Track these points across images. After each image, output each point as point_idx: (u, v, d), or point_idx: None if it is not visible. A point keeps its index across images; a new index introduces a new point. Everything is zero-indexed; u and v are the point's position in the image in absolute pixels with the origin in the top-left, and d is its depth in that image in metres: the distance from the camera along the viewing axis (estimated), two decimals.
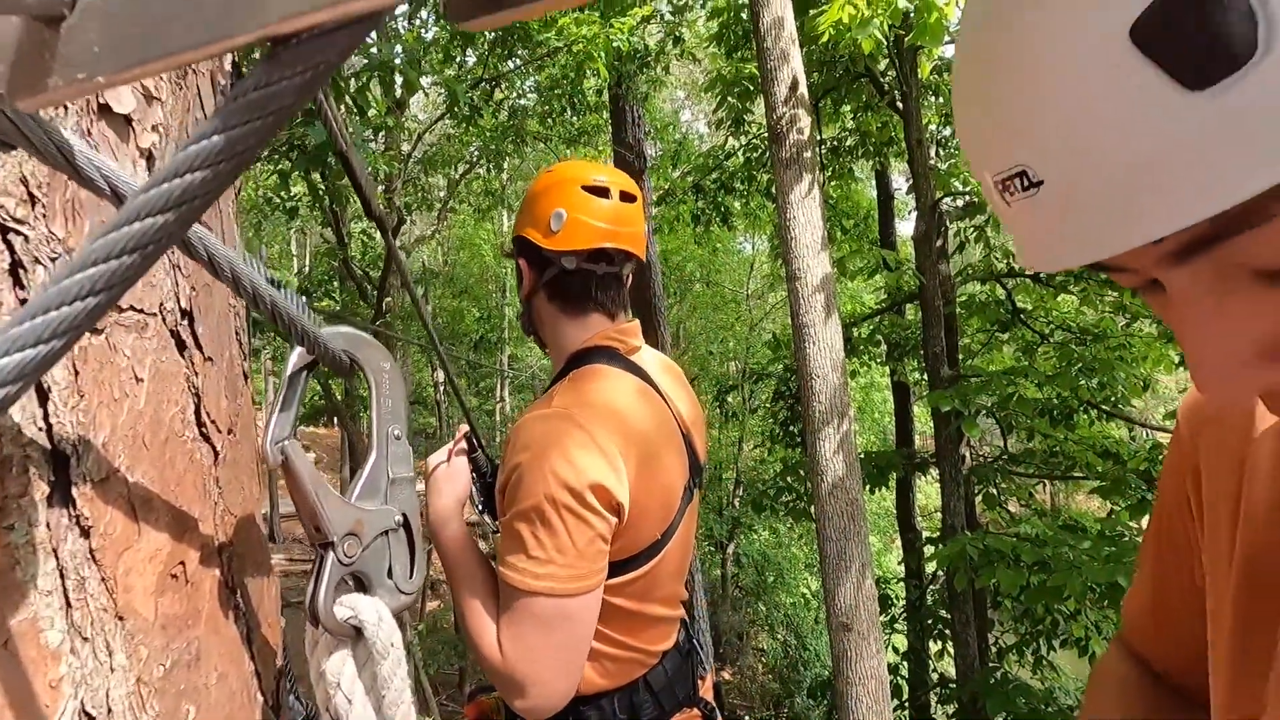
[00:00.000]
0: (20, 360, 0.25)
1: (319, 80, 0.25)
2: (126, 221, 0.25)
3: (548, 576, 0.91)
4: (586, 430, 0.95)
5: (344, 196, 7.30)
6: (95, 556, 0.45)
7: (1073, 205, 0.29)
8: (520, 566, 0.92)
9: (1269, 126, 0.25)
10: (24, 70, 0.27)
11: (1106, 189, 0.28)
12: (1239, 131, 0.25)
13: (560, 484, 0.91)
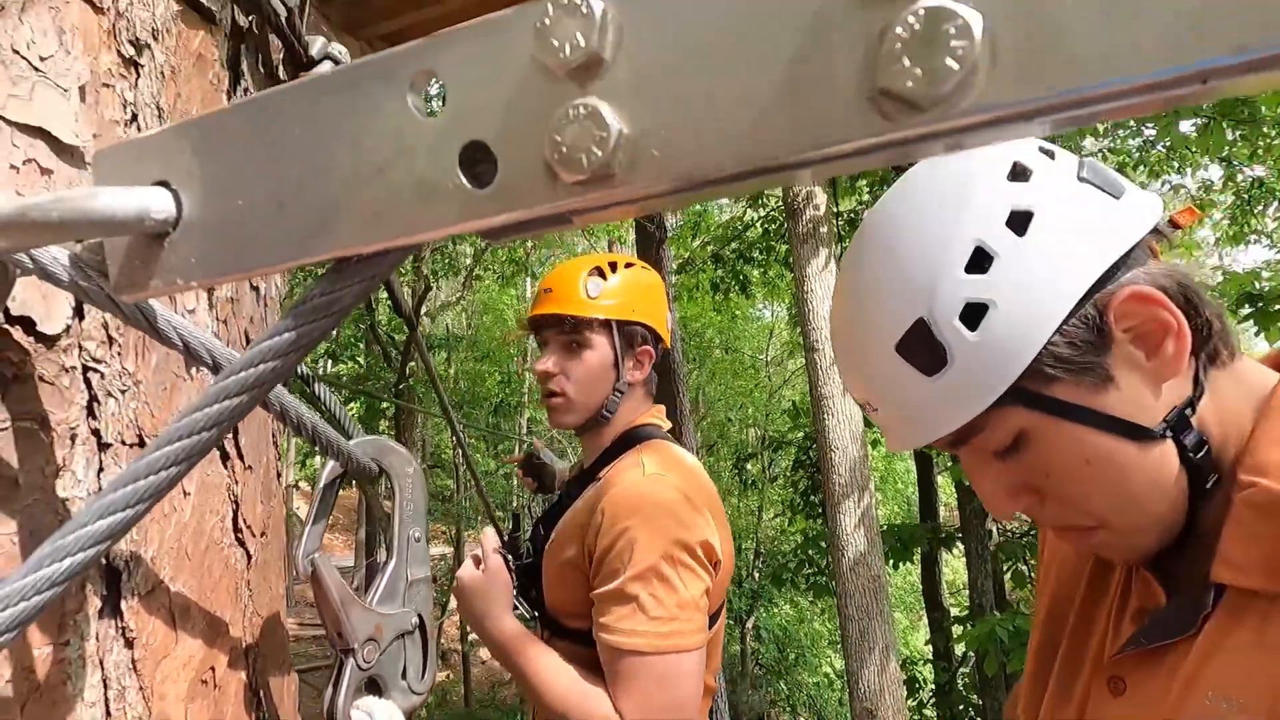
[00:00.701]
0: (112, 523, 0.29)
1: (372, 288, 0.30)
2: (209, 403, 0.29)
3: (674, 634, 0.95)
4: (685, 492, 1.03)
5: None
6: (137, 667, 0.48)
7: (892, 421, 0.56)
8: (642, 630, 0.95)
9: (964, 393, 0.50)
10: (129, 272, 0.32)
11: (903, 416, 0.54)
12: (951, 395, 0.50)
13: (676, 542, 0.98)
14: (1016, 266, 0.47)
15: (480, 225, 0.26)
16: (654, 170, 0.23)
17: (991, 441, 0.51)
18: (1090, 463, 0.49)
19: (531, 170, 0.25)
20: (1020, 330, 0.47)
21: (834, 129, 0.20)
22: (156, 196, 0.30)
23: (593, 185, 0.24)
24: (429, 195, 0.26)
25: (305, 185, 0.28)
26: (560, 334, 1.17)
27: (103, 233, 0.30)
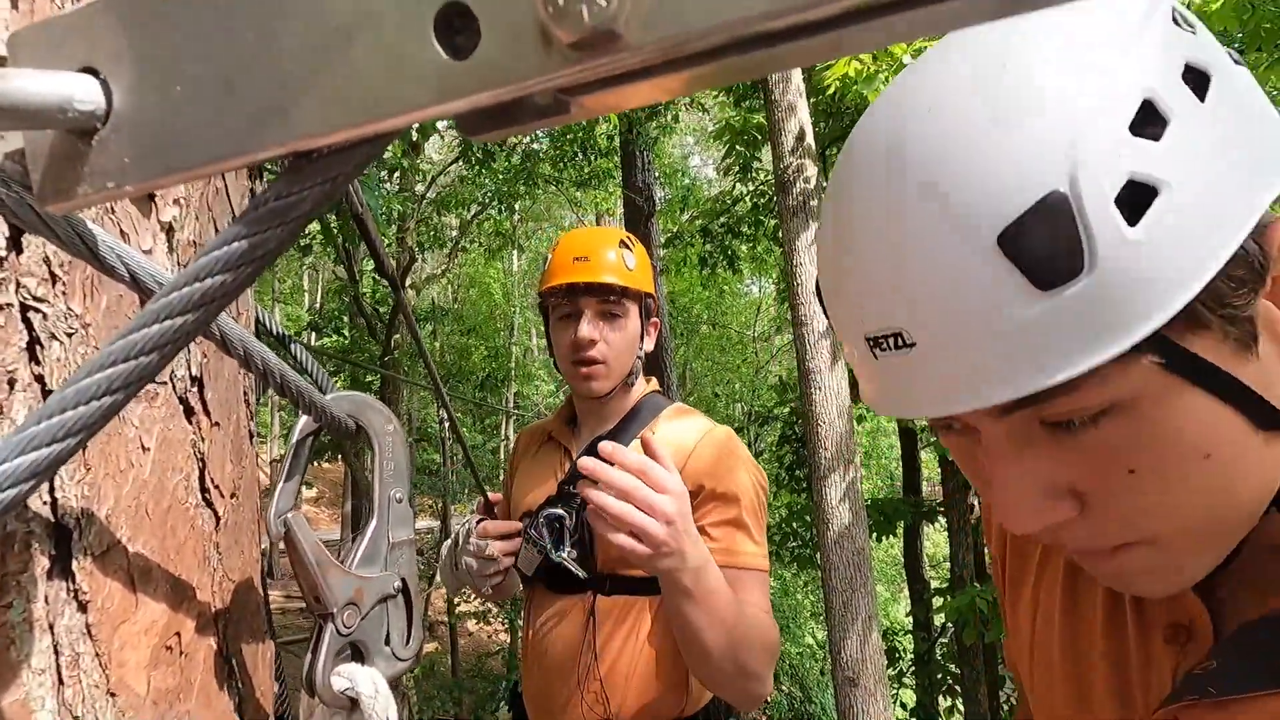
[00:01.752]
0: (34, 459, 0.25)
1: (336, 191, 0.26)
2: (148, 323, 0.25)
3: (766, 556, 1.15)
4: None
5: (356, 235, 7.43)
6: (91, 632, 0.45)
7: (936, 366, 0.36)
8: (758, 553, 1.12)
9: (1091, 324, 0.33)
10: (54, 177, 0.28)
11: (966, 358, 0.35)
12: (1070, 326, 0.33)
13: (762, 479, 1.18)
14: (1195, 142, 0.32)
15: (458, 106, 0.22)
16: (670, 24, 0.19)
17: (1080, 405, 0.35)
18: (1210, 456, 0.36)
19: (520, 34, 0.21)
20: (1196, 237, 0.32)
21: None
22: (82, 84, 0.26)
23: (594, 49, 0.20)
24: (398, 69, 0.22)
25: (255, 63, 0.24)
26: (601, 303, 1.21)
27: (18, 124, 0.25)
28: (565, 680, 1.14)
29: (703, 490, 1.12)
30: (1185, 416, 0.36)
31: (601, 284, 1.20)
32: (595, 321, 1.21)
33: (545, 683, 1.18)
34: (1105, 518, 0.39)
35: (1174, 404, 0.35)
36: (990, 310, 0.34)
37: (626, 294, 1.22)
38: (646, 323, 1.29)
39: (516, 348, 16.04)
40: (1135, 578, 0.42)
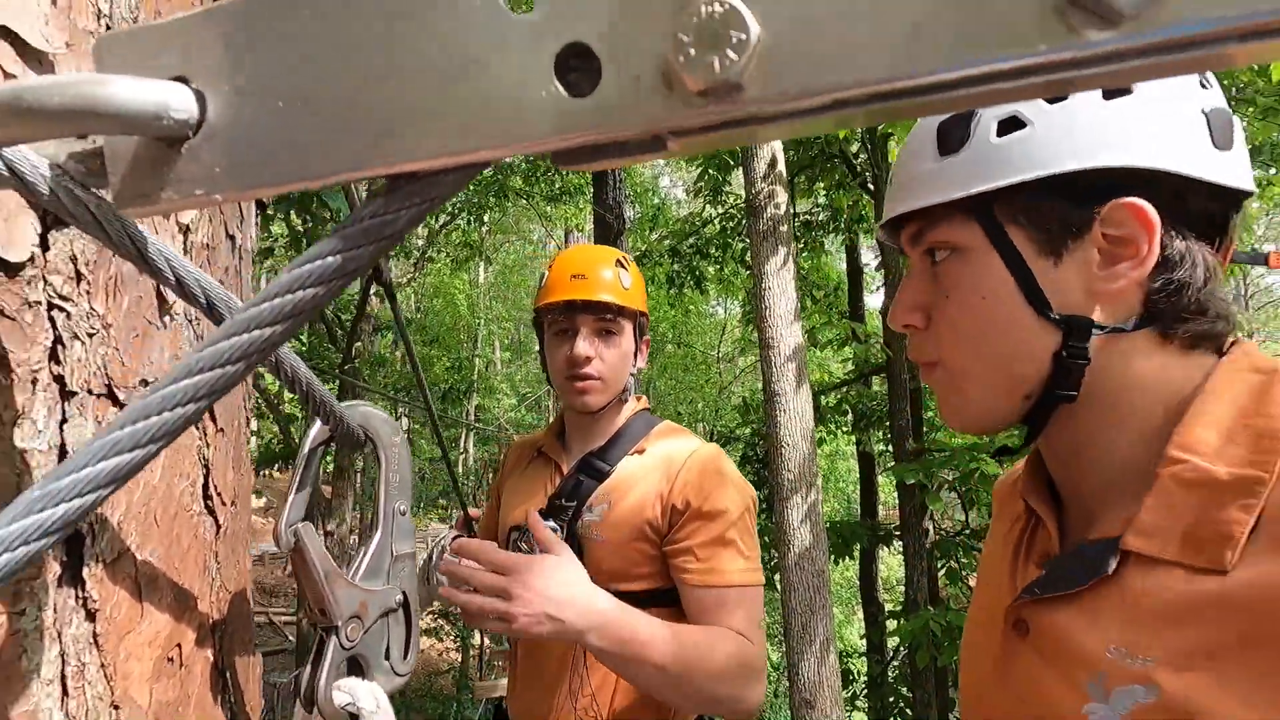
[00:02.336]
0: (116, 465, 0.25)
1: (426, 213, 0.27)
2: (238, 331, 0.26)
3: (757, 570, 1.14)
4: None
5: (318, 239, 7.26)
6: (98, 642, 0.43)
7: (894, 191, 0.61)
8: (742, 568, 1.12)
9: (952, 180, 0.55)
10: (135, 181, 0.28)
11: (905, 185, 0.59)
12: (943, 177, 0.55)
13: (749, 495, 1.18)
14: (1068, 118, 0.51)
15: (574, 141, 0.24)
16: (788, 83, 0.21)
17: (938, 238, 0.57)
18: (985, 299, 0.54)
19: (643, 78, 0.22)
20: (1026, 160, 0.52)
21: (1010, 41, 0.19)
22: (177, 93, 0.26)
23: (716, 97, 0.21)
24: (517, 103, 0.23)
25: (368, 87, 0.25)
26: (597, 320, 1.24)
27: (111, 129, 0.25)
28: (556, 693, 1.13)
29: (689, 507, 1.13)
30: (986, 269, 0.54)
31: (598, 302, 1.22)
32: (591, 338, 1.22)
33: (536, 696, 1.16)
34: (932, 334, 0.58)
35: (984, 258, 0.54)
36: (919, 162, 0.57)
37: (622, 312, 1.24)
38: (639, 340, 1.31)
39: (480, 360, 15.85)
40: (941, 398, 0.60)
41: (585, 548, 1.16)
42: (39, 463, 0.40)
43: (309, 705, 0.52)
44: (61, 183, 0.32)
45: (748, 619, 1.10)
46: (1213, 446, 0.48)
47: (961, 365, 0.57)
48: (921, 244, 0.59)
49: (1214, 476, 0.46)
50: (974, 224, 0.54)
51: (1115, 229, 0.51)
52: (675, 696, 1.04)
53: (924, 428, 6.89)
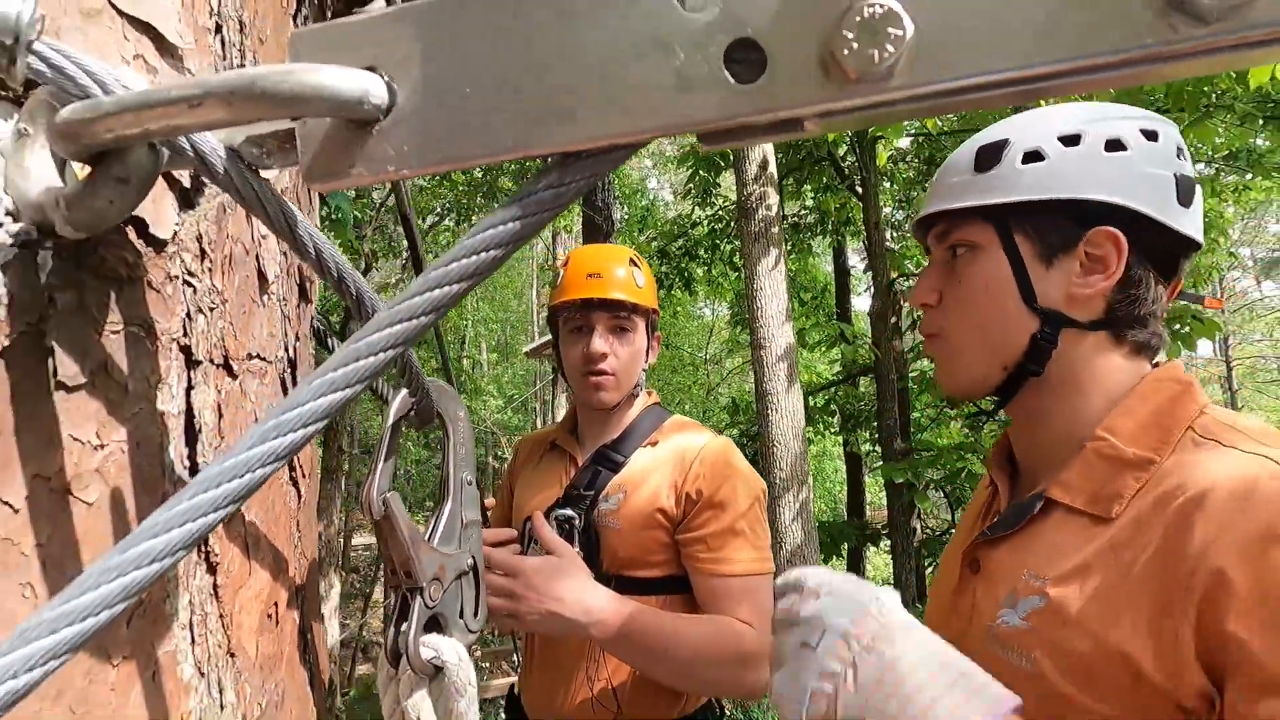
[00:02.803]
0: (299, 437, 0.29)
1: (593, 183, 0.31)
2: (430, 287, 0.29)
3: (768, 559, 1.18)
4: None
5: None
6: (218, 593, 0.47)
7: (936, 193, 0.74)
8: (752, 557, 1.15)
9: (979, 190, 0.69)
10: (327, 160, 0.32)
11: (945, 191, 0.73)
12: (970, 188, 0.70)
13: (759, 487, 1.23)
14: (1078, 158, 0.66)
15: (734, 124, 0.28)
16: (933, 71, 0.25)
17: (961, 237, 0.71)
18: (989, 286, 0.69)
19: (804, 66, 0.26)
20: (1039, 185, 0.66)
21: (1123, 35, 0.23)
22: (373, 81, 0.30)
23: (869, 84, 0.26)
24: (687, 88, 0.28)
25: (548, 73, 0.29)
26: (612, 318, 1.28)
27: (323, 112, 0.29)
28: (572, 680, 1.17)
29: (701, 498, 1.17)
30: (994, 264, 0.69)
31: (613, 300, 1.26)
32: (606, 335, 1.26)
33: (551, 683, 1.19)
34: (941, 311, 0.73)
35: (993, 256, 0.69)
36: (959, 175, 0.71)
37: (635, 310, 1.28)
38: (650, 337, 1.34)
39: (467, 361, 15.78)
40: (939, 364, 0.75)
41: (602, 536, 1.20)
42: (174, 425, 0.44)
43: (395, 660, 0.56)
44: (235, 164, 0.35)
45: (755, 607, 1.14)
46: (1129, 432, 0.63)
47: (960, 337, 0.71)
48: (946, 240, 0.73)
49: (1123, 454, 0.62)
50: (990, 229, 0.69)
51: (1095, 249, 0.66)
52: (679, 683, 1.11)
53: (911, 428, 6.99)
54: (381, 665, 0.58)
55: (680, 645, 1.05)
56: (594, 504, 1.22)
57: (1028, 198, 0.66)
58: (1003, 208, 0.68)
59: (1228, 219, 6.81)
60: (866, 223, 6.86)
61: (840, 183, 7.46)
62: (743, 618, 1.12)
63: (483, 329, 17.02)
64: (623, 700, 1.15)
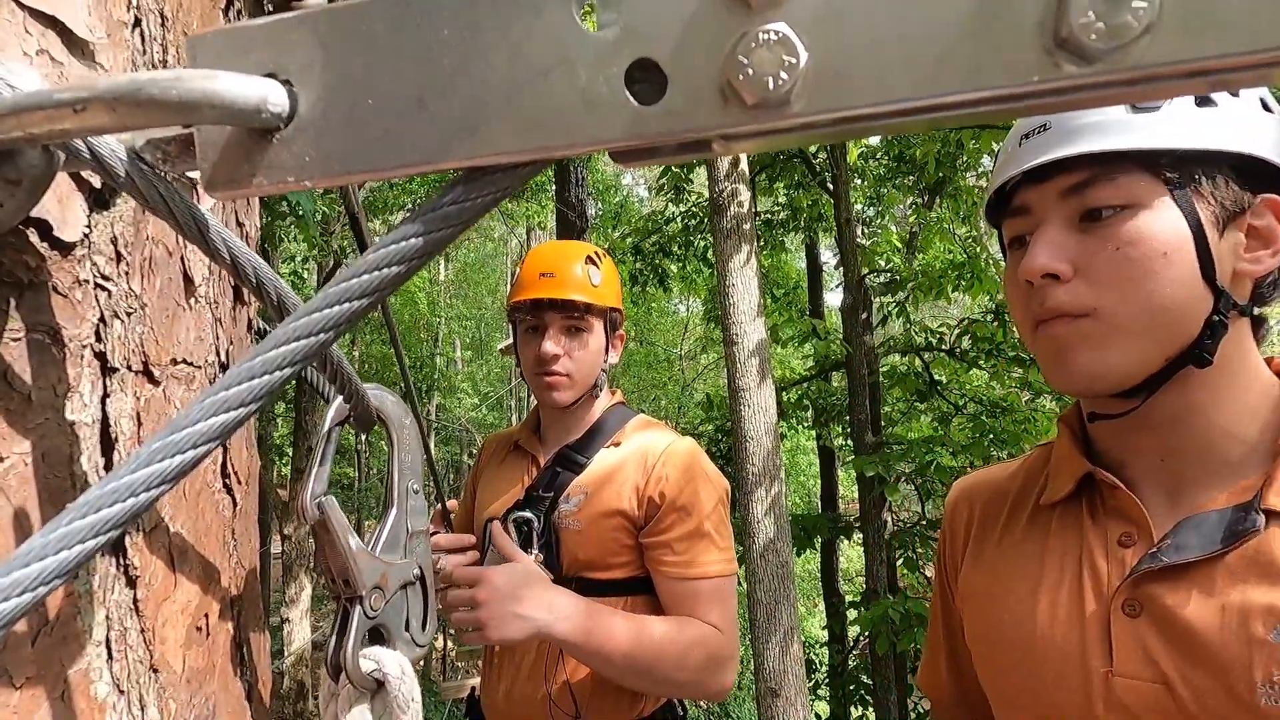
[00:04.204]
0: (223, 421, 0.28)
1: (500, 200, 0.31)
2: (329, 304, 0.29)
3: (733, 560, 1.19)
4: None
5: (276, 235, 7.10)
6: (139, 607, 0.45)
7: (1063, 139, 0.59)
8: (720, 559, 1.16)
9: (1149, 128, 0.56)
10: (227, 167, 0.31)
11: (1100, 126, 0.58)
12: (1142, 126, 0.56)
13: (723, 488, 1.22)
14: (1245, 110, 0.57)
15: (638, 143, 0.28)
16: (830, 99, 0.25)
17: (1115, 194, 0.57)
18: (1168, 256, 0.55)
19: (703, 90, 0.26)
20: (1218, 134, 0.56)
21: (1011, 72, 0.23)
22: (273, 88, 0.29)
23: (767, 109, 0.26)
24: (591, 108, 0.27)
25: (453, 87, 0.28)
26: (565, 318, 1.25)
27: (217, 119, 0.28)
28: (533, 681, 1.16)
29: (665, 501, 1.16)
30: (1166, 226, 0.55)
31: (566, 300, 1.25)
32: (558, 336, 1.25)
33: (511, 685, 1.19)
34: (1083, 283, 0.58)
35: (1163, 215, 0.56)
36: (1108, 112, 0.57)
37: (590, 310, 1.26)
38: (612, 336, 1.33)
39: (440, 359, 15.64)
40: (1075, 349, 0.58)
41: (561, 538, 1.19)
42: (86, 435, 0.42)
43: (336, 673, 0.55)
44: (137, 167, 0.34)
45: (720, 609, 1.14)
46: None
47: (1125, 316, 0.56)
48: (1083, 196, 0.58)
49: None
50: (1159, 184, 0.56)
51: (1259, 219, 0.57)
52: (644, 684, 1.11)
53: (882, 422, 7.10)
54: (323, 679, 0.57)
55: (646, 647, 1.05)
56: (554, 505, 1.21)
57: (1211, 147, 0.55)
58: (1179, 158, 0.55)
59: None
60: (838, 219, 6.93)
61: (812, 179, 7.52)
62: (710, 620, 1.12)
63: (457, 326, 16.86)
64: (581, 703, 1.15)
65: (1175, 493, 0.59)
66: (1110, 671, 0.56)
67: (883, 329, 7.81)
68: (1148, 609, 0.56)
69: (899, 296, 7.01)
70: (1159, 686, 0.54)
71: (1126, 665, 0.56)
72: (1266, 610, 0.50)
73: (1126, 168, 0.56)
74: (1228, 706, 0.50)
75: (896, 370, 7.44)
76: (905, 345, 7.32)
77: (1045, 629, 0.61)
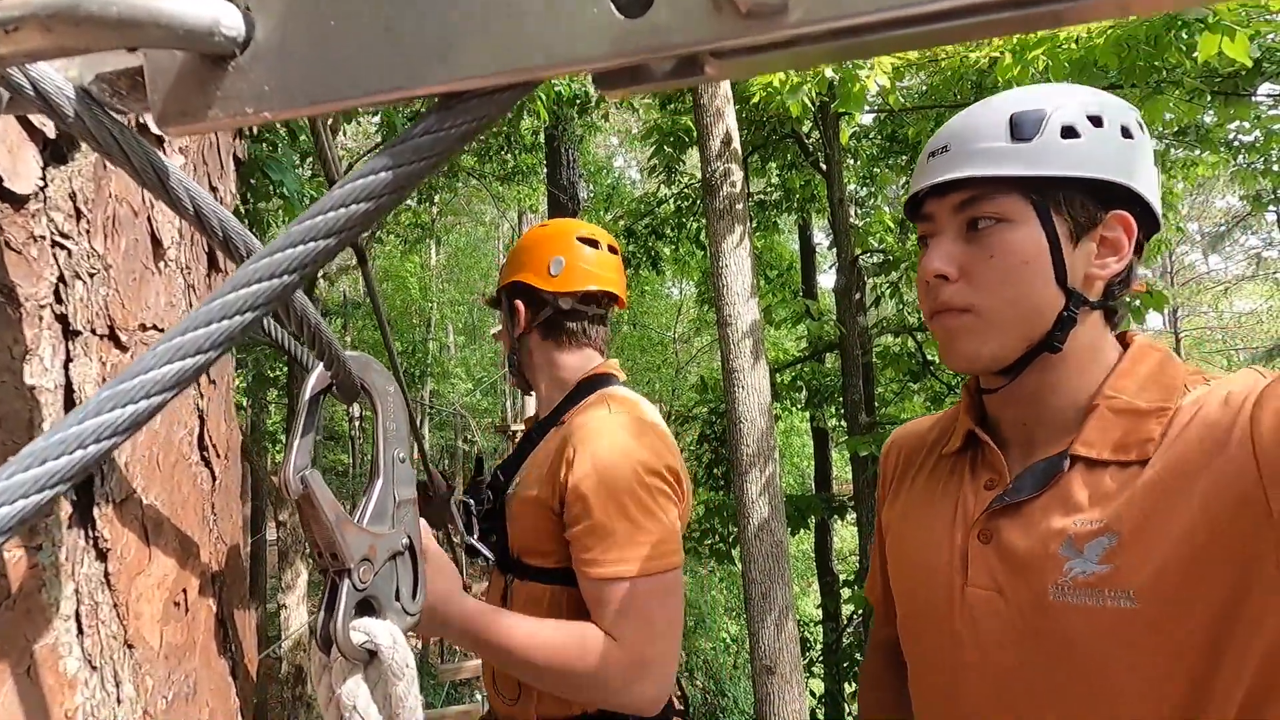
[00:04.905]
0: (180, 369, 0.26)
1: (479, 131, 0.28)
2: (293, 243, 0.27)
3: (655, 555, 0.98)
4: (650, 423, 1.08)
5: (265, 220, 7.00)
6: (110, 581, 0.43)
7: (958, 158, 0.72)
8: (628, 556, 0.98)
9: (1014, 160, 0.69)
10: (179, 99, 0.29)
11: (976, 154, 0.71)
12: (1010, 156, 0.69)
13: (644, 467, 1.02)
14: (1104, 140, 0.68)
15: (624, 61, 0.25)
16: (829, 6, 0.23)
17: (992, 209, 0.70)
18: (1027, 263, 0.69)
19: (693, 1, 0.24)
20: (1078, 163, 0.67)
21: None
22: (226, 10, 0.27)
23: (762, 18, 0.23)
24: (570, 23, 0.25)
25: (421, 7, 0.26)
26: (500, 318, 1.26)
27: (163, 41, 0.26)
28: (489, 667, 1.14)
29: (568, 490, 1.03)
30: (1028, 239, 0.69)
31: (490, 300, 1.30)
32: (503, 335, 1.28)
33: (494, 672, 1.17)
34: (966, 284, 0.71)
35: (1027, 229, 0.69)
36: (991, 141, 0.70)
37: (497, 301, 1.26)
38: (512, 312, 1.23)
39: (433, 344, 15.56)
40: (958, 337, 0.72)
41: (508, 519, 1.14)
42: (48, 400, 0.40)
43: (326, 646, 0.53)
44: (87, 106, 0.32)
45: (625, 617, 0.97)
46: (1133, 391, 0.69)
47: (994, 313, 0.70)
48: (971, 210, 0.71)
49: (1137, 406, 0.67)
50: (1028, 204, 0.69)
51: (1109, 231, 0.69)
52: (550, 691, 1.02)
53: (875, 402, 7.11)
54: (313, 653, 0.56)
55: (533, 656, 0.96)
56: (507, 485, 1.17)
57: (1069, 174, 0.67)
58: (1043, 183, 0.68)
59: (1177, 195, 7.01)
60: (830, 200, 6.89)
61: (804, 160, 7.47)
62: (610, 628, 0.97)
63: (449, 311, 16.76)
64: (524, 691, 1.10)
65: (1029, 448, 0.74)
66: (964, 584, 0.72)
67: (876, 310, 7.80)
68: (995, 537, 0.71)
69: (892, 277, 6.99)
70: (994, 594, 0.69)
71: (976, 578, 0.71)
72: (1059, 533, 0.66)
73: (1004, 189, 0.69)
74: (1033, 606, 0.66)
75: (890, 351, 7.45)
76: (898, 326, 7.32)
77: (928, 555, 0.76)
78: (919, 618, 0.78)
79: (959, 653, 0.72)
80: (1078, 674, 0.64)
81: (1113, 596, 0.62)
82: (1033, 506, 0.69)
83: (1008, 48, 3.98)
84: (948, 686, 0.74)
